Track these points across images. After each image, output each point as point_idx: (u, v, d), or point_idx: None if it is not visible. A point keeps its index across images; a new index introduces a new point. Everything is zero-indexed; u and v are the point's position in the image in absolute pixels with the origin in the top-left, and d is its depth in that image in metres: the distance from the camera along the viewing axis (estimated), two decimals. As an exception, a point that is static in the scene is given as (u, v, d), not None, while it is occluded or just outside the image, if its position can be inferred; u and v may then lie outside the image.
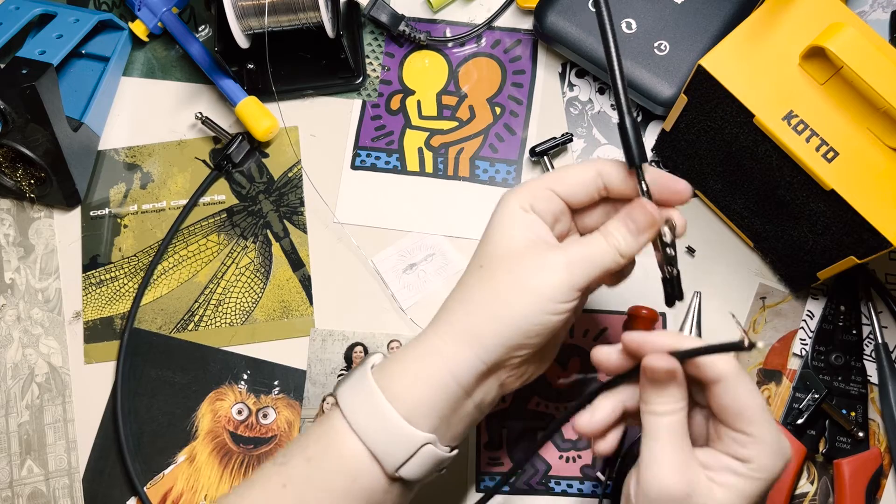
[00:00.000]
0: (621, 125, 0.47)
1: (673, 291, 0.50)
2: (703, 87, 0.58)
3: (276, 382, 0.69)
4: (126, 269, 0.73)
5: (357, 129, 0.75)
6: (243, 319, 0.71)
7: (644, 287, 0.67)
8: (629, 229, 0.47)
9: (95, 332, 0.71)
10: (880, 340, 0.66)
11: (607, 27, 0.46)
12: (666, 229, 0.48)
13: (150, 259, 0.72)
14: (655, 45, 0.70)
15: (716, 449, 0.43)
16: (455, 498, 0.65)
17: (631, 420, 0.48)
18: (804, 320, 0.68)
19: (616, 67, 0.46)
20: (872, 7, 0.75)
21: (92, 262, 0.73)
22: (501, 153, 0.74)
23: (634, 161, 0.47)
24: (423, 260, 0.71)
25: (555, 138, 0.72)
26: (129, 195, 0.75)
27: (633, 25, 0.70)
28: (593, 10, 0.69)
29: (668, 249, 0.49)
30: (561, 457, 0.66)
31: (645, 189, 0.47)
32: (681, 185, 0.47)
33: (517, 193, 0.48)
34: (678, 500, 0.40)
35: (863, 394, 0.65)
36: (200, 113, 0.73)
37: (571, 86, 0.75)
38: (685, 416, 0.43)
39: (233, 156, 0.73)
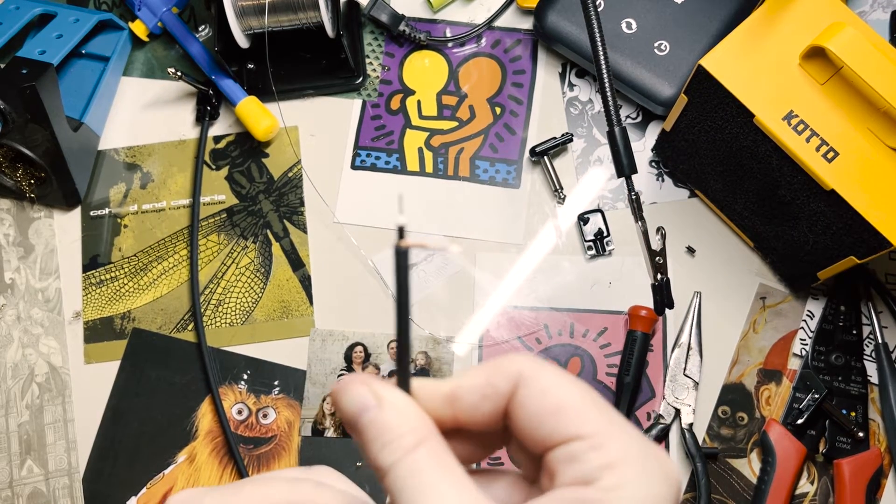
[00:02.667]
0: (610, 133, 0.47)
1: (662, 299, 0.50)
2: (704, 87, 0.58)
3: (276, 382, 0.69)
4: (126, 269, 0.73)
5: (357, 129, 0.75)
6: (243, 319, 0.71)
7: (644, 287, 0.67)
8: None
9: (95, 332, 0.71)
10: (880, 340, 0.66)
11: (600, 52, 0.45)
12: (657, 237, 0.48)
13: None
14: (655, 45, 0.70)
15: (550, 488, 0.26)
16: None
17: None
18: (804, 320, 0.68)
19: (606, 79, 0.47)
20: (872, 7, 0.75)
21: (92, 261, 0.73)
22: (501, 153, 0.74)
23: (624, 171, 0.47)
24: (423, 260, 0.71)
25: (555, 138, 0.72)
26: (129, 195, 0.75)
27: (633, 25, 0.70)
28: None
29: (656, 258, 0.49)
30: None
31: (634, 197, 0.47)
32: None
33: None
34: None
35: (863, 394, 0.65)
36: (174, 68, 0.73)
37: (571, 86, 0.75)
38: (439, 442, 0.26)
39: (212, 102, 0.75)
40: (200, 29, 0.79)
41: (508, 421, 0.27)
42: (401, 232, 0.25)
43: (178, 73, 0.72)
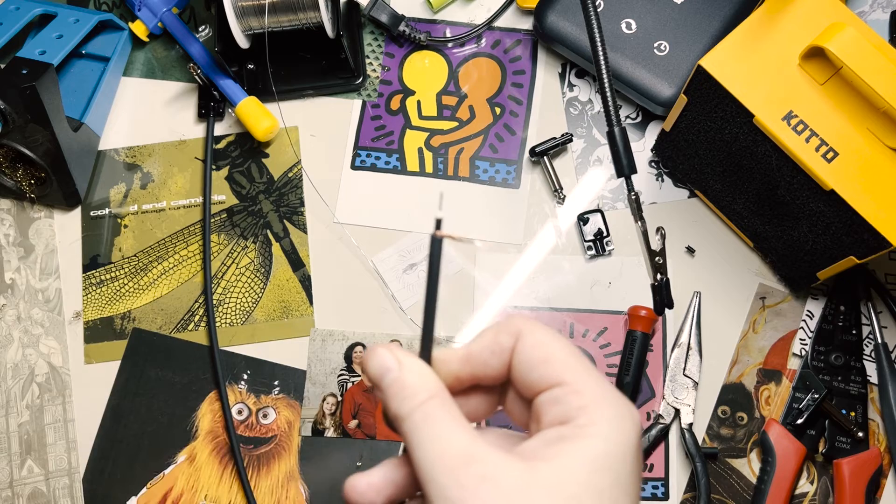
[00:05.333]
0: (610, 133, 0.47)
1: (662, 299, 0.50)
2: (703, 88, 0.58)
3: (276, 382, 0.69)
4: (126, 269, 0.73)
5: (357, 129, 0.75)
6: (243, 319, 0.71)
7: (644, 287, 0.68)
8: None
9: (95, 332, 0.71)
10: (880, 340, 0.66)
11: (600, 54, 0.45)
12: (657, 237, 0.48)
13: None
14: (655, 45, 0.70)
15: (537, 431, 0.32)
16: None
17: None
18: (804, 320, 0.68)
19: (605, 79, 0.47)
20: (872, 7, 0.75)
21: (92, 262, 0.73)
22: (501, 153, 0.74)
23: (623, 171, 0.47)
24: (423, 260, 0.71)
25: (555, 138, 0.72)
26: (130, 195, 0.75)
27: (633, 25, 0.70)
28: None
29: (656, 258, 0.49)
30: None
31: (634, 197, 0.47)
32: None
33: None
34: (459, 465, 0.29)
35: (862, 394, 0.65)
36: (193, 64, 0.74)
37: (571, 86, 0.75)
38: (447, 397, 0.31)
39: (217, 99, 0.75)
40: (200, 29, 0.79)
41: (509, 372, 0.33)
42: (438, 223, 0.31)
43: (198, 70, 0.73)
